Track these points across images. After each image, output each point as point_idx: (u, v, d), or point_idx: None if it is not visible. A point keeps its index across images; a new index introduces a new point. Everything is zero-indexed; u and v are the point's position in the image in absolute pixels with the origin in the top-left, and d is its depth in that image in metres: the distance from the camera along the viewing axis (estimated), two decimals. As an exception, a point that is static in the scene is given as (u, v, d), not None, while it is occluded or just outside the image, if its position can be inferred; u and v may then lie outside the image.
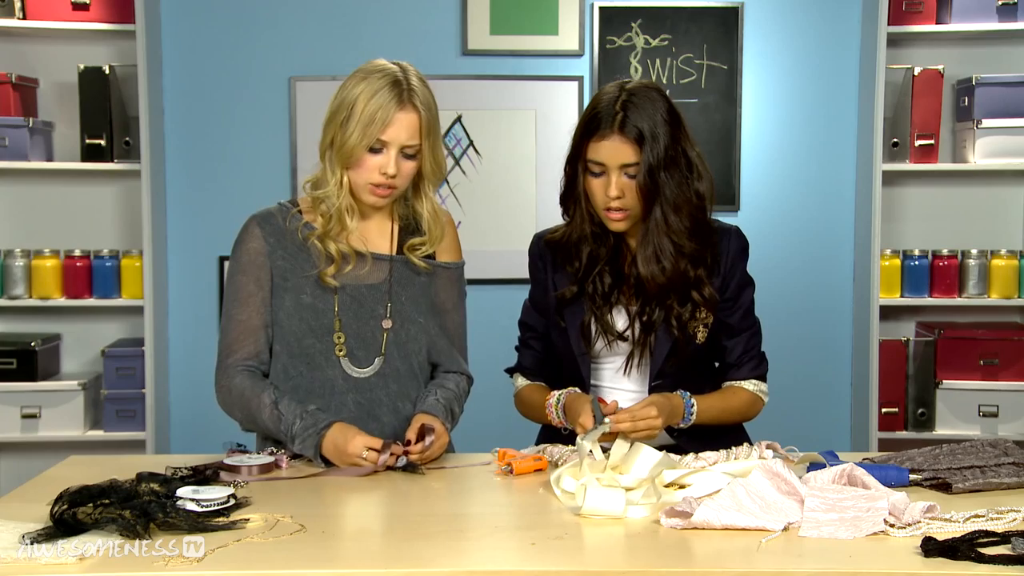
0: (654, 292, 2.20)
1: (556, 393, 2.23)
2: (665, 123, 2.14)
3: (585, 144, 2.17)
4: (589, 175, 2.18)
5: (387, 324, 2.21)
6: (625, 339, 2.24)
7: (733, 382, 2.30)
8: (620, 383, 2.28)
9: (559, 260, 2.30)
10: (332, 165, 2.16)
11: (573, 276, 2.27)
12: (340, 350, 2.18)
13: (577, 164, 2.21)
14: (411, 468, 2.04)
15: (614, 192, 2.14)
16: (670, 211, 2.16)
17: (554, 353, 2.35)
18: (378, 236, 2.25)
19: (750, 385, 2.31)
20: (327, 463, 2.08)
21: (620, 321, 2.26)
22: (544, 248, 2.34)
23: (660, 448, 2.03)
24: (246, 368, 2.18)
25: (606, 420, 2.04)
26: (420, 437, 2.09)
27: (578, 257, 2.26)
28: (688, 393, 2.19)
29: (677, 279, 2.19)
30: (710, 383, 2.31)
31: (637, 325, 2.24)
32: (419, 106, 2.13)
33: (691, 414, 2.18)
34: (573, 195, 2.24)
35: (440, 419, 2.15)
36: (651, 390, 2.23)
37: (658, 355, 2.23)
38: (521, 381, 2.38)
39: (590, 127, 2.16)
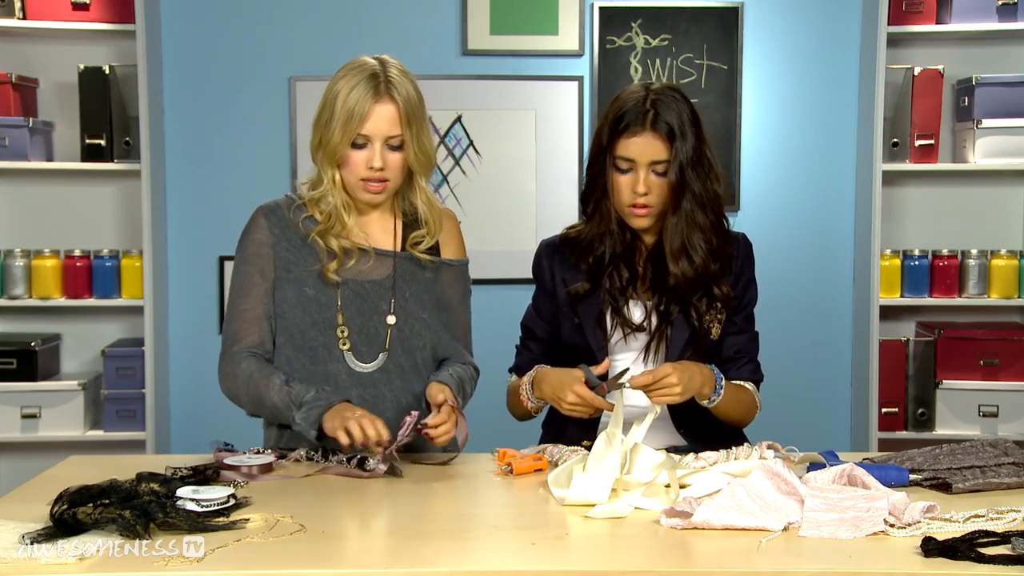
0: (679, 287, 2.23)
1: (527, 374, 2.26)
2: (691, 123, 2.20)
3: (614, 142, 2.20)
4: (616, 172, 2.22)
5: (391, 320, 2.22)
6: (643, 330, 2.26)
7: (736, 381, 2.30)
8: (639, 370, 2.28)
9: (573, 258, 2.32)
10: (323, 165, 2.19)
11: (587, 273, 2.29)
12: (344, 344, 2.19)
13: (604, 161, 2.23)
14: (391, 472, 2.02)
15: (642, 188, 2.18)
16: (697, 208, 2.21)
17: (552, 356, 2.35)
18: (381, 233, 2.26)
19: (749, 386, 2.32)
20: (321, 438, 2.08)
21: (637, 313, 2.28)
22: (554, 249, 2.36)
23: (663, 448, 2.04)
24: (252, 354, 2.19)
25: (626, 380, 2.06)
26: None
27: (594, 252, 2.28)
28: (715, 366, 2.20)
29: (704, 274, 2.24)
30: None
31: (655, 316, 2.27)
32: (396, 97, 2.14)
33: (721, 387, 2.18)
34: (595, 193, 2.27)
35: (452, 389, 2.15)
36: None
37: (675, 347, 2.26)
38: (513, 379, 2.40)
39: (619, 125, 2.20)
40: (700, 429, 2.26)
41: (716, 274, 2.25)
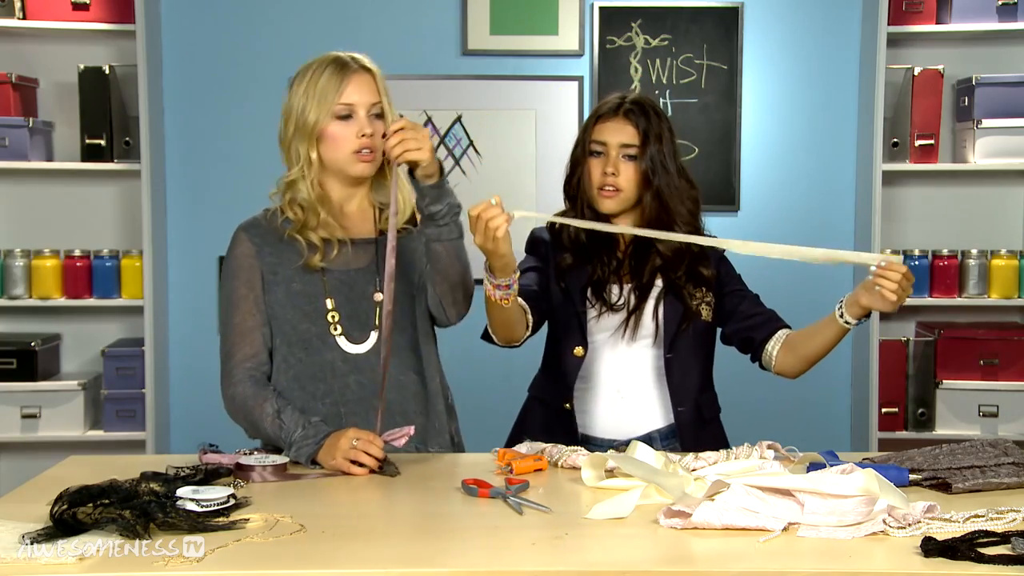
0: (667, 261, 2.32)
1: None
2: (667, 129, 2.33)
3: (590, 130, 2.34)
4: (591, 157, 2.34)
5: (378, 297, 2.22)
6: (617, 310, 2.34)
7: (784, 330, 2.45)
8: (618, 347, 2.35)
9: (563, 238, 2.42)
10: (297, 148, 2.20)
11: (572, 252, 2.38)
12: (335, 329, 2.20)
13: (581, 153, 2.36)
14: (389, 470, 2.04)
15: (610, 169, 2.30)
16: (673, 196, 2.32)
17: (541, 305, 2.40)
18: (360, 223, 2.28)
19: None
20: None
21: (615, 294, 2.36)
22: (547, 233, 2.46)
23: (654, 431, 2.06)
24: (248, 374, 2.19)
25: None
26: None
27: (578, 239, 2.38)
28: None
29: (688, 248, 2.32)
30: (709, 368, 2.43)
31: (633, 297, 2.34)
32: (369, 67, 2.20)
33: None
34: (572, 183, 2.40)
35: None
36: (666, 363, 2.34)
37: (669, 328, 2.33)
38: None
39: (595, 115, 2.36)
40: (696, 416, 2.35)
41: (701, 254, 2.35)
